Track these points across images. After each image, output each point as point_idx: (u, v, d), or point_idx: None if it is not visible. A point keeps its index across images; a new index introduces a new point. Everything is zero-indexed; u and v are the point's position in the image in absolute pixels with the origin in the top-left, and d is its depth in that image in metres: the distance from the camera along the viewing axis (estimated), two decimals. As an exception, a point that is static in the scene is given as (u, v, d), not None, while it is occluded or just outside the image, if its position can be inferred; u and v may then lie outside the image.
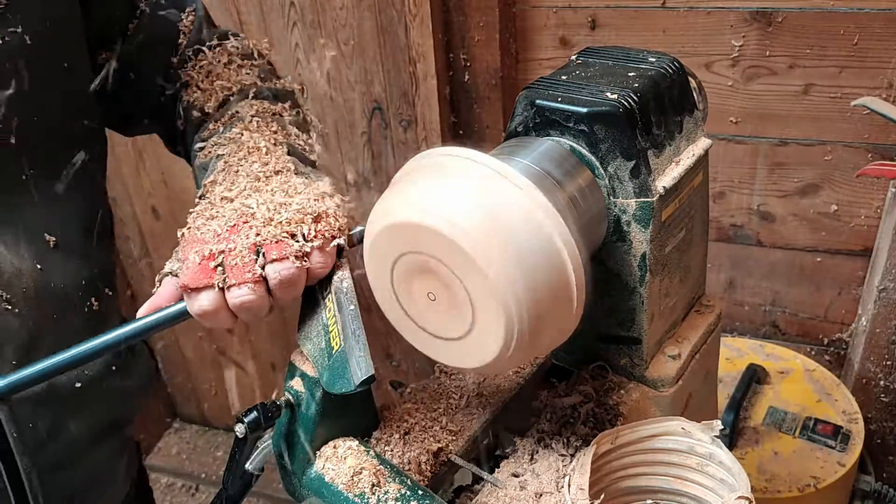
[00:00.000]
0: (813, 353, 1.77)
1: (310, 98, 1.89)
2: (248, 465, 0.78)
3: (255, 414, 0.71)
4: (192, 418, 2.69)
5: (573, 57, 0.85)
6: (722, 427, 0.71)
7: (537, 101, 0.76)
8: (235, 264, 0.67)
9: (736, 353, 1.68)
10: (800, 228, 1.65)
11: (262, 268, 0.67)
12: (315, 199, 0.74)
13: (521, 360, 0.80)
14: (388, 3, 1.67)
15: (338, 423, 0.75)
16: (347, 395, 0.66)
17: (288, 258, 0.68)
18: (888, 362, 1.57)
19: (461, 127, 1.79)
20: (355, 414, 0.77)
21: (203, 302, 0.67)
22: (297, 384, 0.74)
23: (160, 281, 0.73)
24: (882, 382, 1.60)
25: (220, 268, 0.67)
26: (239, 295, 0.67)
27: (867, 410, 1.62)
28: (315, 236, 0.70)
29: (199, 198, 0.79)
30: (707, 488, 0.72)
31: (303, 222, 0.70)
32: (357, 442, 0.75)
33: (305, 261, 0.69)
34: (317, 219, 0.71)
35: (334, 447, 0.74)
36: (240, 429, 0.71)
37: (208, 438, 2.63)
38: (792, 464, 1.42)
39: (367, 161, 1.92)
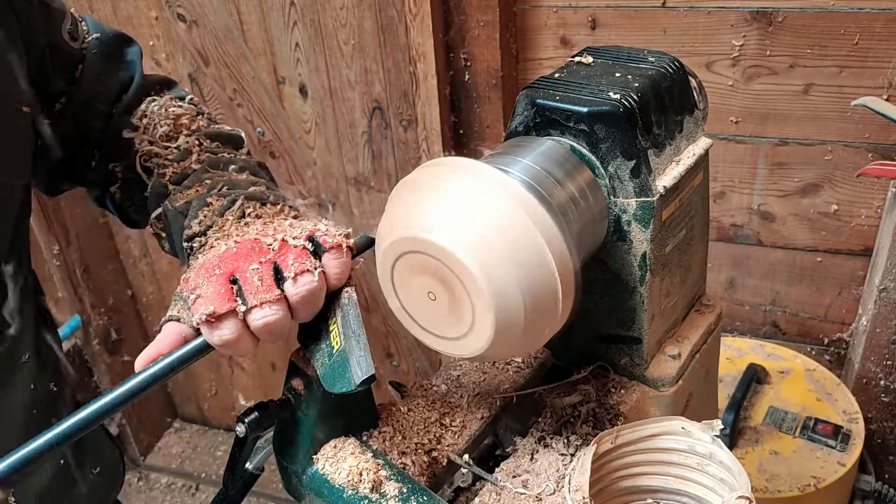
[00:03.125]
0: (813, 352, 1.77)
1: (311, 98, 1.89)
2: (248, 465, 0.78)
3: (255, 414, 0.71)
4: (192, 418, 2.69)
5: (573, 56, 0.85)
6: (722, 427, 0.71)
7: (538, 101, 0.76)
8: (255, 285, 0.65)
9: (736, 353, 1.68)
10: (800, 228, 1.65)
11: (281, 285, 0.66)
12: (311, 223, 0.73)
13: (513, 355, 0.84)
14: (389, 3, 1.67)
15: (338, 423, 0.75)
16: (348, 395, 0.66)
17: (310, 271, 0.66)
18: (888, 362, 1.57)
19: (461, 127, 1.79)
20: (355, 414, 0.77)
21: (225, 332, 0.64)
22: (297, 384, 0.74)
23: (161, 327, 0.69)
24: (882, 382, 1.60)
25: (238, 291, 0.65)
26: (262, 316, 0.64)
27: (867, 410, 1.62)
28: (329, 248, 0.68)
29: (189, 256, 0.76)
30: (707, 488, 0.72)
31: (311, 237, 0.69)
32: (357, 442, 0.75)
33: (323, 273, 0.68)
34: (319, 234, 0.70)
35: (334, 447, 0.74)
36: (240, 429, 0.71)
37: (208, 438, 2.63)
38: (792, 463, 1.42)
39: (368, 161, 1.92)
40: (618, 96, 0.72)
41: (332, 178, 1.99)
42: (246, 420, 0.71)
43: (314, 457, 0.74)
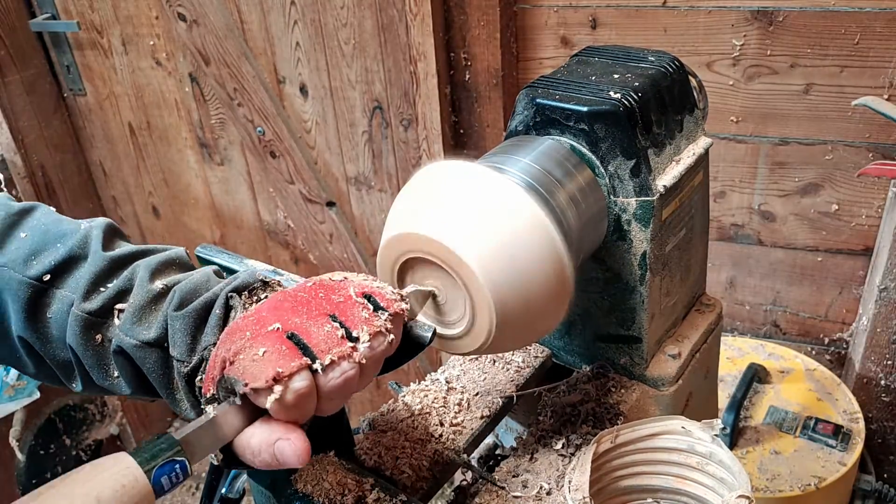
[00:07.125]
0: (814, 352, 1.77)
1: (311, 97, 1.89)
2: (223, 491, 0.75)
3: None
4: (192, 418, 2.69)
5: (574, 56, 0.85)
6: (722, 426, 0.71)
7: (538, 100, 0.75)
8: (322, 340, 0.55)
9: (737, 353, 1.68)
10: (800, 228, 1.65)
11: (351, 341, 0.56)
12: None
13: (511, 349, 0.85)
14: (389, 3, 1.67)
15: (314, 442, 0.71)
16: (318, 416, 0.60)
17: (382, 334, 0.57)
18: (889, 362, 1.57)
19: (462, 126, 1.79)
20: (330, 431, 0.73)
21: (299, 384, 0.53)
22: None
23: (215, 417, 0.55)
24: (883, 382, 1.60)
25: (302, 348, 0.55)
26: (342, 373, 0.54)
27: (868, 410, 1.62)
28: (388, 305, 0.59)
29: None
30: (707, 487, 0.72)
31: (367, 295, 0.59)
32: (335, 457, 0.71)
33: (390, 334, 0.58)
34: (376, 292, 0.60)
35: (312, 465, 0.70)
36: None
37: (209, 438, 2.63)
38: (793, 463, 1.42)
39: (368, 160, 1.92)
40: (618, 95, 0.72)
41: (332, 177, 1.99)
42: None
43: (292, 478, 0.70)
